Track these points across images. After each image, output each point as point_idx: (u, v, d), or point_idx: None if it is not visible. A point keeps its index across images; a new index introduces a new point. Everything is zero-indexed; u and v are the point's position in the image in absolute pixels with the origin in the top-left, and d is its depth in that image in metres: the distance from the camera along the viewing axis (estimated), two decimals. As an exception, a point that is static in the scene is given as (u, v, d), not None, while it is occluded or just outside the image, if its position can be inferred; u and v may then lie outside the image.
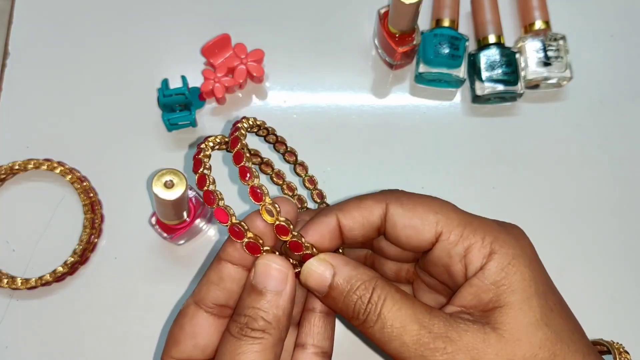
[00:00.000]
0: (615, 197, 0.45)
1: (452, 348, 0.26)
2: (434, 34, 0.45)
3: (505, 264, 0.27)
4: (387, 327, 0.27)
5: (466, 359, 0.26)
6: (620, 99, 0.47)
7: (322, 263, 0.28)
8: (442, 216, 0.29)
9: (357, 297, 0.27)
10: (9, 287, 0.41)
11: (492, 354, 0.26)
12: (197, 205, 0.40)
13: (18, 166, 0.43)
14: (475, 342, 0.26)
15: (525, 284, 0.27)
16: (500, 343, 0.26)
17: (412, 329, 0.27)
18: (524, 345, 0.26)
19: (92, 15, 0.49)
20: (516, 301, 0.27)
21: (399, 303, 0.27)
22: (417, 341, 0.26)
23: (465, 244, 0.28)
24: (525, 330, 0.26)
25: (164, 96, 0.42)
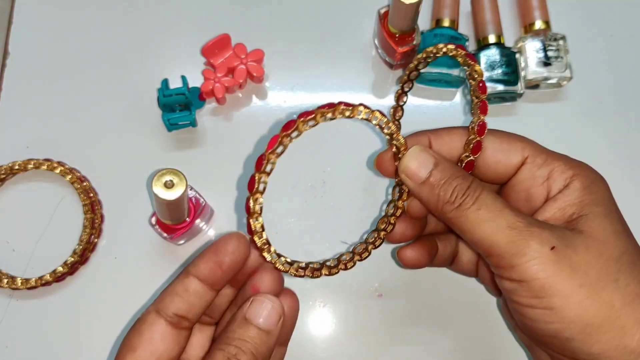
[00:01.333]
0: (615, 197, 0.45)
1: (546, 234, 0.28)
2: (434, 34, 0.45)
3: (588, 184, 0.30)
4: (483, 210, 0.29)
5: (559, 245, 0.27)
6: (620, 99, 0.47)
7: (426, 152, 0.31)
8: (527, 144, 0.32)
9: (457, 184, 0.30)
10: (9, 287, 0.41)
11: (583, 247, 0.28)
12: (197, 205, 0.40)
13: (18, 166, 0.43)
14: (567, 235, 0.28)
15: (606, 201, 0.30)
16: (590, 240, 0.28)
17: (509, 214, 0.28)
18: (610, 247, 0.28)
19: (92, 15, 0.49)
20: (600, 212, 0.29)
21: (494, 195, 0.29)
22: (513, 224, 0.28)
23: (549, 167, 0.31)
24: (612, 236, 0.28)
25: (164, 96, 0.42)
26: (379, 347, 0.41)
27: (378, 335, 0.41)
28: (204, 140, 0.45)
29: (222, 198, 0.44)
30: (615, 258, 0.28)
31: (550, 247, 0.27)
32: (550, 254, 0.27)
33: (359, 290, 0.42)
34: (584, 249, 0.28)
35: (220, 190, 0.44)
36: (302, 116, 0.28)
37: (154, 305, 0.30)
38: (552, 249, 0.27)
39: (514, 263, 0.28)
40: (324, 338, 0.41)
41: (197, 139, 0.45)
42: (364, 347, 0.41)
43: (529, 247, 0.27)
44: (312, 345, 0.41)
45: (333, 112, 0.29)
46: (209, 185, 0.43)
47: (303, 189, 0.44)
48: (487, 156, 0.32)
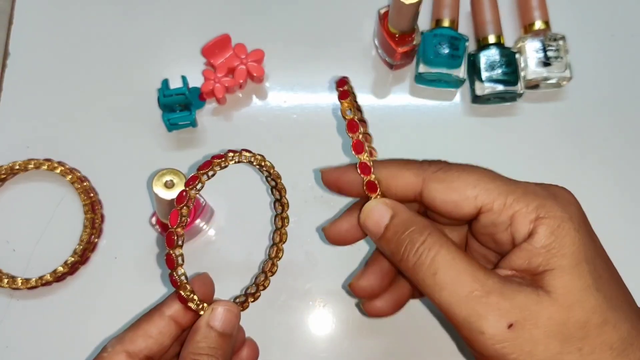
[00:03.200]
0: (615, 197, 0.45)
1: (505, 305, 0.26)
2: (434, 34, 0.45)
3: (555, 227, 0.27)
4: (439, 274, 0.27)
5: (519, 318, 0.26)
6: (619, 99, 0.47)
7: (383, 205, 0.29)
8: (481, 189, 0.28)
9: (411, 240, 0.28)
10: (10, 287, 0.41)
11: (545, 317, 0.26)
12: (197, 205, 0.40)
13: (18, 166, 0.43)
14: (528, 303, 0.26)
15: (574, 248, 0.27)
16: (554, 307, 0.26)
17: (465, 280, 0.26)
18: (577, 311, 0.26)
19: (92, 15, 0.49)
20: (567, 265, 0.26)
21: (453, 254, 0.27)
22: (470, 293, 0.26)
23: (509, 212, 0.28)
24: (578, 296, 0.26)
25: (164, 96, 0.42)
26: (379, 346, 0.41)
27: (378, 335, 0.41)
28: (204, 141, 0.45)
29: (223, 198, 0.44)
30: (581, 323, 0.26)
31: (508, 325, 0.26)
32: (507, 332, 0.26)
33: (359, 290, 0.42)
34: (546, 319, 0.26)
35: (220, 191, 0.44)
36: (187, 184, 0.30)
37: (122, 345, 0.29)
38: (510, 326, 0.26)
39: (472, 338, 0.26)
40: (324, 338, 0.41)
41: (197, 139, 0.45)
42: (364, 347, 0.41)
43: (486, 323, 0.26)
44: (312, 345, 0.41)
45: (225, 160, 0.30)
46: (209, 185, 0.43)
47: (303, 188, 0.44)
48: (436, 206, 0.29)
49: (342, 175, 0.32)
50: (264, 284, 0.35)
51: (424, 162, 0.30)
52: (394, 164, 0.31)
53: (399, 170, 0.30)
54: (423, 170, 0.29)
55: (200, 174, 0.29)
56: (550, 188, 0.29)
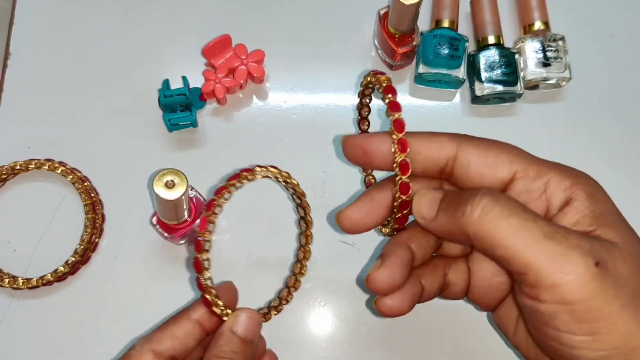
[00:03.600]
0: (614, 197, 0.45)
1: (586, 245, 0.25)
2: (434, 34, 0.45)
3: (592, 192, 0.27)
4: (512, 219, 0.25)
5: (603, 257, 0.25)
6: (619, 99, 0.47)
7: (430, 192, 0.29)
8: (515, 156, 0.28)
9: (471, 194, 0.27)
10: (11, 287, 0.41)
11: (620, 260, 0.25)
12: (198, 205, 0.40)
13: (19, 166, 0.43)
14: (602, 248, 0.25)
15: (615, 208, 0.28)
16: (623, 254, 0.25)
17: (541, 222, 0.25)
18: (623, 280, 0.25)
19: (93, 16, 0.49)
20: (617, 220, 0.27)
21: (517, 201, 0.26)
22: (548, 234, 0.25)
23: (544, 179, 0.28)
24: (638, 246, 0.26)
25: (164, 97, 0.43)
26: (379, 346, 0.41)
27: (378, 335, 0.41)
28: (205, 141, 0.45)
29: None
30: (629, 291, 0.25)
31: (595, 262, 0.24)
32: (596, 270, 0.24)
33: (359, 290, 0.42)
34: (622, 263, 0.25)
35: (220, 191, 0.44)
36: (217, 193, 0.30)
37: (150, 344, 0.30)
38: (597, 264, 0.24)
39: (556, 282, 0.24)
40: (324, 338, 0.41)
41: (197, 140, 0.45)
42: (364, 347, 0.41)
43: (573, 262, 0.24)
44: (312, 345, 0.41)
45: (252, 174, 0.31)
46: (209, 186, 0.43)
47: (304, 189, 0.44)
48: (470, 171, 0.29)
49: (368, 142, 0.30)
50: (287, 299, 0.36)
51: (453, 133, 0.30)
52: (426, 133, 0.30)
53: (433, 135, 0.30)
54: (457, 136, 0.29)
55: (229, 184, 0.30)
56: (572, 168, 0.29)
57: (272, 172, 0.31)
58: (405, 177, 0.29)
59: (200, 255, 0.30)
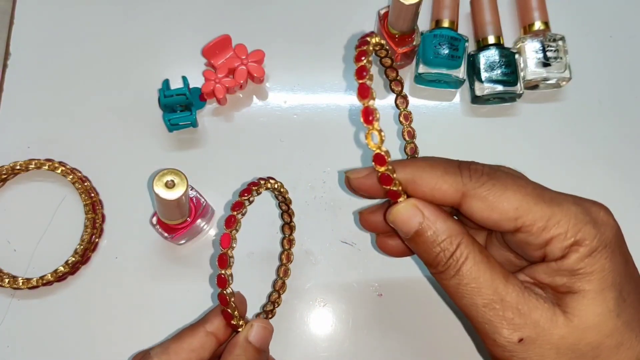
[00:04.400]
0: (614, 197, 0.45)
1: (519, 321, 0.27)
2: (434, 34, 0.45)
3: (587, 255, 0.27)
4: (462, 285, 0.28)
5: (531, 334, 0.27)
6: (618, 99, 0.47)
7: (413, 208, 0.29)
8: (523, 210, 0.28)
9: (441, 250, 0.28)
10: (11, 287, 0.41)
11: (557, 336, 0.27)
12: (198, 205, 0.40)
13: (19, 166, 0.43)
14: (543, 320, 0.27)
15: (603, 275, 0.27)
16: (568, 327, 0.27)
17: (486, 293, 0.27)
18: (591, 334, 0.27)
19: (93, 16, 0.49)
20: (591, 290, 0.27)
21: (479, 265, 0.28)
22: (488, 305, 0.27)
23: (547, 236, 0.28)
24: (596, 320, 0.27)
25: (164, 97, 0.43)
26: (379, 346, 0.41)
27: (378, 335, 0.41)
28: (205, 141, 0.45)
29: (223, 198, 0.44)
30: (594, 345, 0.27)
31: (519, 339, 0.27)
32: (517, 345, 0.27)
33: (359, 290, 0.42)
34: (558, 338, 0.27)
35: (221, 191, 0.44)
36: (234, 209, 0.31)
37: (168, 355, 0.31)
38: (520, 341, 0.27)
39: (487, 342, 0.28)
40: (324, 338, 0.41)
41: (197, 140, 0.45)
42: (364, 347, 0.41)
43: (499, 334, 0.27)
44: (312, 345, 0.41)
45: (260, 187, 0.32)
46: (209, 186, 0.43)
47: (303, 189, 0.44)
48: (475, 218, 0.29)
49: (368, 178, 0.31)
50: (277, 302, 0.38)
51: (464, 169, 0.29)
52: (431, 167, 0.29)
53: (436, 179, 0.29)
54: (463, 184, 0.28)
55: (243, 199, 0.31)
56: (591, 210, 0.29)
57: (271, 183, 0.33)
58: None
59: (225, 271, 0.30)
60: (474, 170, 0.29)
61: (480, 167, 0.29)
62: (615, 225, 0.29)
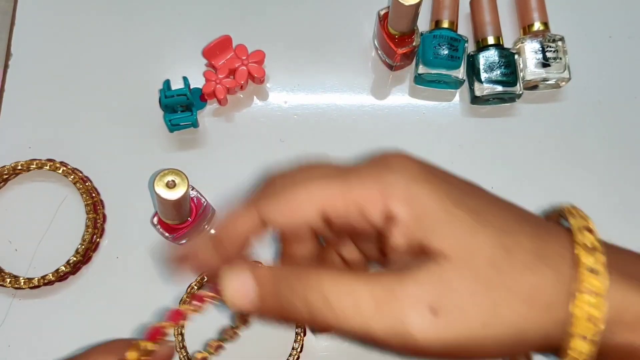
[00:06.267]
0: (614, 197, 0.45)
1: (416, 294, 0.23)
2: (434, 35, 0.45)
3: (404, 201, 0.24)
4: (337, 307, 0.23)
5: (435, 297, 0.23)
6: (618, 100, 0.47)
7: (245, 280, 0.25)
8: (318, 197, 0.25)
9: (288, 297, 0.24)
10: (12, 287, 0.41)
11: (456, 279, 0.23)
12: (199, 205, 0.40)
13: (21, 166, 0.43)
14: (434, 278, 0.23)
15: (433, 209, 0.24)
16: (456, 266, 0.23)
17: (364, 295, 0.23)
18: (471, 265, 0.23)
19: (94, 17, 0.49)
20: (438, 227, 0.24)
21: (337, 278, 0.24)
22: (377, 305, 0.23)
23: (356, 208, 0.25)
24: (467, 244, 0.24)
25: (165, 97, 0.43)
26: (378, 346, 0.41)
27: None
28: (206, 141, 0.46)
29: (224, 198, 0.44)
30: (487, 265, 0.23)
31: (430, 309, 0.22)
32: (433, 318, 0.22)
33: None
34: (458, 281, 0.23)
35: (221, 191, 0.44)
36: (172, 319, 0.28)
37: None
38: (433, 310, 0.22)
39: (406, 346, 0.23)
40: (324, 338, 0.41)
41: (198, 140, 0.46)
42: (364, 347, 0.41)
43: (409, 322, 0.22)
44: (312, 345, 0.41)
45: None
46: (210, 186, 0.43)
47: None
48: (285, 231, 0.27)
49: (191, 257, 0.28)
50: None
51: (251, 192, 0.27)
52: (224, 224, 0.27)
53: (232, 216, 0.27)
54: (250, 207, 0.26)
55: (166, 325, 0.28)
56: (380, 163, 0.26)
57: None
58: None
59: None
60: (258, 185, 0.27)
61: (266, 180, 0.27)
62: (413, 161, 0.26)
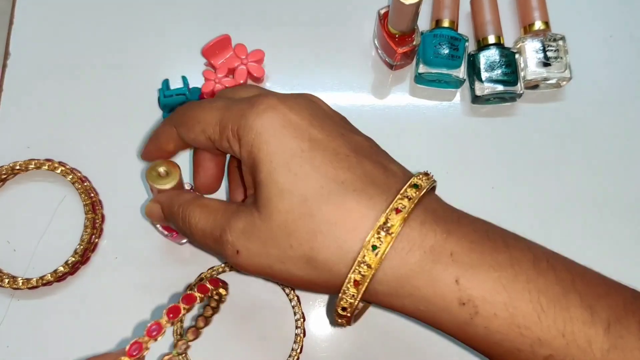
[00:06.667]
0: (614, 197, 0.45)
1: (231, 238, 0.30)
2: (434, 34, 0.45)
3: (249, 147, 0.29)
4: (194, 225, 0.32)
5: (241, 242, 0.29)
6: (619, 99, 0.47)
7: (152, 204, 0.36)
8: (205, 123, 0.31)
9: (172, 214, 0.34)
10: (10, 287, 0.41)
11: (256, 232, 0.29)
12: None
13: (19, 166, 0.43)
14: (245, 222, 0.29)
15: (268, 158, 0.28)
16: (260, 219, 0.29)
17: (207, 223, 0.31)
18: (275, 216, 0.28)
19: (93, 16, 0.49)
20: (264, 177, 0.28)
21: (200, 207, 0.32)
22: (212, 232, 0.31)
23: (224, 140, 0.30)
24: (273, 202, 0.28)
25: (164, 97, 0.43)
26: (379, 347, 0.41)
27: (378, 335, 0.41)
28: (205, 141, 0.45)
29: (223, 197, 0.44)
30: (282, 225, 0.28)
31: (236, 251, 0.29)
32: (238, 257, 0.30)
33: (359, 290, 0.42)
34: (260, 228, 0.29)
35: (221, 189, 0.44)
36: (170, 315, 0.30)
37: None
38: (237, 252, 0.29)
39: (229, 261, 0.31)
40: (324, 338, 0.41)
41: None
42: (364, 347, 0.41)
43: (224, 254, 0.30)
44: (312, 345, 0.41)
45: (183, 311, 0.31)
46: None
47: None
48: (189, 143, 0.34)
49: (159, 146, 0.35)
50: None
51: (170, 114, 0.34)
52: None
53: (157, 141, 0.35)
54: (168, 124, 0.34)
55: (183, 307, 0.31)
56: (252, 101, 0.30)
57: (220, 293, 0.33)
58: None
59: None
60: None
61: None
62: (280, 103, 0.29)
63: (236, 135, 0.29)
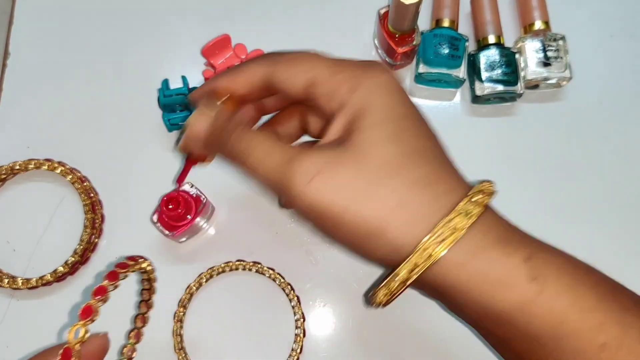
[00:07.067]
0: (614, 197, 0.45)
1: (307, 164, 0.29)
2: (434, 34, 0.45)
3: (366, 94, 0.30)
4: (253, 155, 0.30)
5: (321, 169, 0.29)
6: (619, 99, 0.47)
7: (201, 116, 0.32)
8: (311, 66, 0.32)
9: (226, 136, 0.31)
10: (10, 287, 0.41)
11: (346, 164, 0.29)
12: (198, 202, 0.40)
13: (19, 166, 0.43)
14: (331, 157, 0.29)
15: (381, 108, 0.30)
16: (353, 154, 0.29)
17: (274, 154, 0.30)
18: (371, 158, 0.29)
19: (93, 16, 0.49)
20: (370, 123, 0.29)
21: (262, 137, 0.31)
22: (279, 162, 0.30)
23: (333, 82, 0.31)
24: (374, 145, 0.29)
25: (164, 96, 0.43)
26: (379, 346, 0.41)
27: (378, 335, 0.41)
28: (205, 141, 0.45)
29: (223, 196, 0.44)
30: (379, 166, 0.29)
31: (311, 178, 0.29)
32: (310, 184, 0.29)
33: (359, 290, 0.42)
34: (348, 165, 0.29)
35: (221, 189, 0.44)
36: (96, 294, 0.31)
37: None
38: (312, 180, 0.29)
39: (289, 197, 0.29)
40: (324, 338, 0.41)
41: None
42: (364, 347, 0.41)
43: (293, 181, 0.29)
44: (312, 345, 0.41)
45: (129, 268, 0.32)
46: (210, 184, 0.43)
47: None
48: (280, 87, 0.33)
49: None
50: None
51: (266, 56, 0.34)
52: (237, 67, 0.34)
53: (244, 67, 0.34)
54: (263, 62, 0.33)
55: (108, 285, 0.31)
56: (368, 63, 0.32)
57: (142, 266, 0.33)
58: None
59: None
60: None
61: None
62: (392, 76, 0.32)
63: (350, 81, 0.30)
